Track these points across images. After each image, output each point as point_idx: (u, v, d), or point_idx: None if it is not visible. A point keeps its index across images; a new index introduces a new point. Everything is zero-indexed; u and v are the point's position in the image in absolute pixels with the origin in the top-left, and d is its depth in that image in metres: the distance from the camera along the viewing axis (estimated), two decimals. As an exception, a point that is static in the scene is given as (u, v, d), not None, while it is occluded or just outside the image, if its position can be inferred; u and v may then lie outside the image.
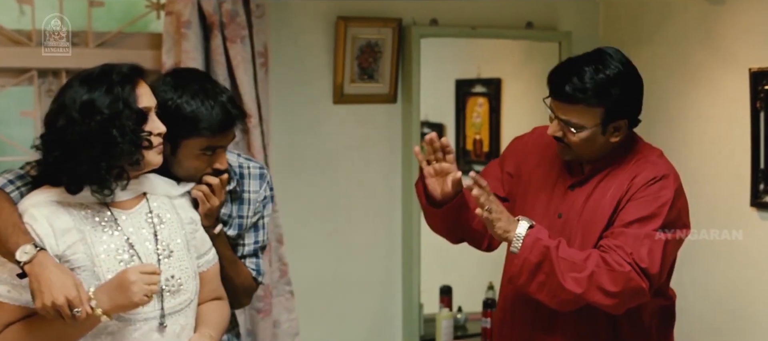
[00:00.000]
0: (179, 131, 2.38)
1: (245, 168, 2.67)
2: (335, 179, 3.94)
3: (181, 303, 2.30)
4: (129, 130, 2.17)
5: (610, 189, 2.65)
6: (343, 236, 3.98)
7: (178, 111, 2.38)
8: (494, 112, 4.79)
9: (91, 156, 2.15)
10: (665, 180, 2.62)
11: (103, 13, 3.58)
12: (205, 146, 2.43)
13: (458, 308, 4.34)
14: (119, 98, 2.16)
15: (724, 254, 3.61)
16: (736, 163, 3.55)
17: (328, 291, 3.96)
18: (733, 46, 3.58)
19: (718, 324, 3.68)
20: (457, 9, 4.09)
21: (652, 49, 3.97)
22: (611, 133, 2.62)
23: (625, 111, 2.62)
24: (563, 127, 2.61)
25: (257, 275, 2.70)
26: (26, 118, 3.46)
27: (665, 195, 2.59)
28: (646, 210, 2.57)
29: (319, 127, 3.89)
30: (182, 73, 2.52)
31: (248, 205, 2.65)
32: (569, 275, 2.50)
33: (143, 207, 2.31)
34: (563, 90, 2.57)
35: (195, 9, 3.40)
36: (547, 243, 2.52)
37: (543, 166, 2.80)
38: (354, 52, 3.88)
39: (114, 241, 2.22)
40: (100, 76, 2.19)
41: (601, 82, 2.56)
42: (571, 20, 4.27)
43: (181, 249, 2.32)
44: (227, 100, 2.46)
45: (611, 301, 2.54)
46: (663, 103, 3.90)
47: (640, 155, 2.69)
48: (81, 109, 2.15)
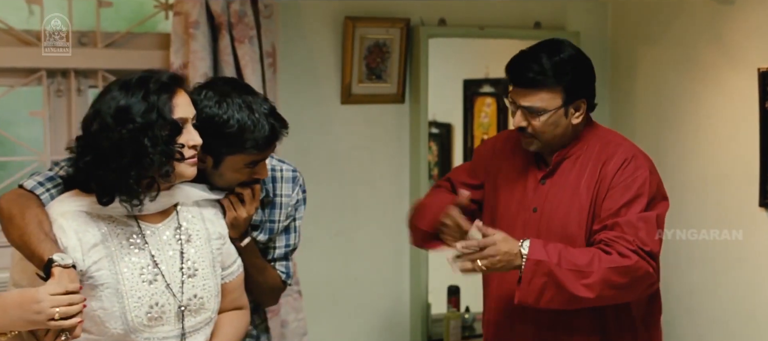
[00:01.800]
0: (224, 147, 2.34)
1: (278, 171, 2.64)
2: (343, 179, 3.94)
3: (200, 322, 2.27)
4: (161, 140, 2.11)
5: (582, 177, 2.74)
6: (350, 236, 3.99)
7: (224, 128, 2.32)
8: (502, 112, 4.78)
9: (121, 164, 2.09)
10: (635, 160, 2.72)
11: (112, 13, 3.58)
12: (249, 161, 2.40)
13: (466, 308, 4.33)
14: (154, 107, 2.11)
15: (732, 254, 3.60)
16: (745, 163, 3.54)
17: (336, 291, 3.97)
18: (742, 46, 3.57)
19: (727, 324, 3.66)
20: (465, 9, 4.09)
21: (661, 48, 3.96)
22: (573, 115, 2.74)
23: (582, 91, 2.74)
24: (526, 115, 2.72)
25: (286, 278, 2.68)
26: (35, 117, 3.47)
27: (641, 174, 2.69)
28: (629, 194, 2.66)
29: (327, 127, 3.90)
30: (222, 85, 2.42)
31: (280, 209, 2.63)
32: (579, 283, 2.56)
33: (172, 221, 2.27)
34: (525, 76, 2.70)
35: (203, 9, 3.40)
36: (547, 262, 2.56)
37: (513, 165, 2.89)
38: (362, 52, 3.88)
39: (139, 259, 2.18)
40: (138, 83, 2.14)
41: (558, 63, 2.69)
42: (579, 20, 4.26)
43: (206, 268, 2.29)
44: (269, 112, 2.39)
45: (625, 295, 2.63)
46: (671, 103, 3.89)
47: (603, 138, 2.80)
48: (115, 115, 2.10)
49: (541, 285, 2.56)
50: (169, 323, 2.20)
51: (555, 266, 2.55)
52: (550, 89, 2.69)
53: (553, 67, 2.69)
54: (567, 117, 2.73)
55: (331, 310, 3.95)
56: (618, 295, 2.61)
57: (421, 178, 4.00)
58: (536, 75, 2.68)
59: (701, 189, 3.74)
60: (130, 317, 2.15)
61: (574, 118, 2.75)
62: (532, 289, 2.57)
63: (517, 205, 2.82)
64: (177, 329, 2.22)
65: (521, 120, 2.73)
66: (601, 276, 2.55)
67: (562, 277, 2.55)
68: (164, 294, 2.20)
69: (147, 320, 2.17)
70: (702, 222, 3.56)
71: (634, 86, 4.13)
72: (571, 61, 2.73)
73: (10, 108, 3.54)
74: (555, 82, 2.68)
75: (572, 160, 2.78)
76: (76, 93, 3.45)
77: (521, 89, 2.72)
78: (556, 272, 2.55)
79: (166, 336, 2.21)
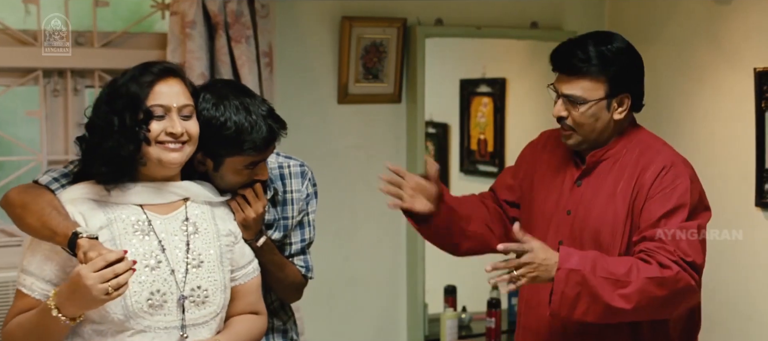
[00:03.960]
0: (222, 149, 2.35)
1: (285, 167, 2.65)
2: (340, 179, 3.94)
3: (205, 316, 2.27)
4: (127, 123, 2.17)
5: (619, 182, 2.61)
6: (347, 236, 3.99)
7: (221, 130, 2.32)
8: (499, 111, 4.79)
9: (93, 143, 2.19)
10: (675, 167, 2.58)
11: (108, 12, 3.58)
12: (248, 163, 2.40)
13: (463, 308, 4.34)
14: (128, 92, 2.19)
15: (728, 254, 3.60)
16: (741, 163, 3.55)
17: (333, 290, 3.96)
18: (739, 46, 3.57)
19: (724, 324, 3.67)
20: (462, 9, 4.09)
21: (658, 48, 3.97)
22: (615, 110, 2.61)
23: (627, 85, 2.62)
24: (567, 104, 2.60)
25: (306, 272, 2.68)
26: (32, 117, 3.47)
27: (682, 183, 2.55)
28: (670, 204, 2.52)
29: (324, 126, 3.90)
30: (220, 88, 2.42)
31: (292, 205, 2.63)
32: (616, 294, 2.41)
33: (181, 213, 2.29)
34: (568, 61, 2.59)
35: (200, 9, 3.40)
36: (581, 271, 2.41)
37: (551, 165, 2.78)
38: (359, 51, 3.88)
39: (144, 245, 2.21)
40: (130, 71, 2.25)
41: (604, 53, 2.58)
42: (576, 20, 4.26)
43: (212, 261, 2.29)
44: (268, 113, 2.39)
45: (665, 309, 2.49)
46: (668, 103, 3.90)
47: (644, 143, 2.66)
48: (105, 100, 2.22)
49: (574, 295, 2.41)
50: (171, 313, 2.20)
51: (589, 274, 2.40)
52: (593, 78, 2.57)
53: (598, 56, 2.57)
54: (609, 111, 2.60)
55: (328, 310, 3.96)
56: (657, 309, 2.46)
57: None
58: (579, 61, 2.57)
59: (698, 189, 3.74)
60: (130, 302, 2.15)
61: (616, 114, 2.61)
62: (564, 301, 2.42)
63: (553, 206, 2.70)
64: (178, 320, 2.22)
65: (561, 109, 2.61)
66: (639, 287, 2.40)
67: (597, 287, 2.40)
68: (166, 281, 2.20)
69: (147, 306, 2.17)
70: (698, 222, 3.56)
71: (631, 86, 4.13)
72: (619, 53, 2.60)
73: (7, 107, 3.54)
74: (599, 71, 2.56)
75: (610, 163, 2.64)
76: (73, 93, 3.45)
77: (564, 76, 2.61)
78: (591, 281, 2.40)
79: (167, 326, 2.21)
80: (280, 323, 2.72)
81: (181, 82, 2.27)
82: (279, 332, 2.71)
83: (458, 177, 5.05)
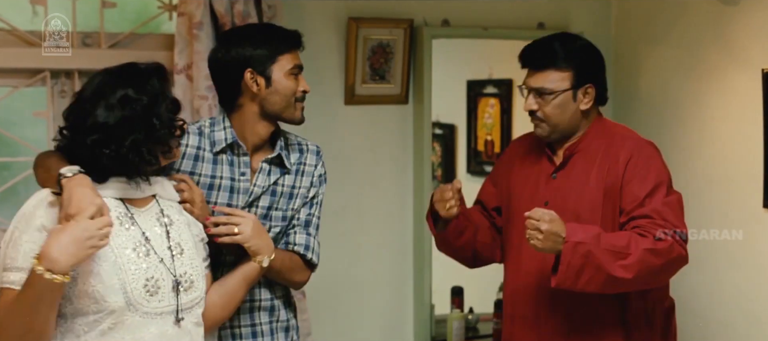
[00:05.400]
0: (265, 62, 2.60)
1: (303, 144, 2.81)
2: (346, 180, 3.94)
3: (192, 301, 2.35)
4: (166, 117, 2.29)
5: (591, 171, 2.82)
6: (354, 237, 3.99)
7: (253, 47, 2.61)
8: (505, 112, 4.79)
9: (135, 140, 2.24)
10: (644, 149, 2.83)
11: (116, 14, 3.59)
12: (292, 66, 2.63)
13: (469, 309, 4.34)
14: (155, 88, 2.29)
15: (736, 255, 3.60)
16: (749, 164, 3.54)
17: (340, 291, 3.97)
18: (746, 47, 3.57)
19: (730, 325, 3.66)
20: (469, 10, 4.09)
21: (665, 49, 3.96)
22: (581, 100, 2.83)
23: (591, 76, 2.85)
24: (537, 98, 2.82)
25: (305, 250, 2.72)
26: (39, 118, 3.48)
27: (656, 162, 2.81)
28: (649, 183, 2.76)
29: (331, 127, 3.90)
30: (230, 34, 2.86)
31: (304, 177, 2.76)
32: (616, 264, 2.62)
33: (154, 207, 2.38)
34: (535, 56, 2.85)
35: (207, 10, 3.40)
36: (586, 244, 2.61)
37: (525, 164, 2.98)
38: (365, 52, 3.88)
39: (130, 235, 2.27)
40: (129, 71, 2.31)
41: (568, 47, 2.85)
42: (583, 21, 4.25)
43: (191, 249, 2.39)
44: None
45: (660, 277, 2.75)
46: (675, 104, 3.89)
47: (610, 131, 2.89)
48: (121, 99, 2.25)
49: (579, 266, 2.61)
50: (165, 298, 2.27)
51: (594, 247, 2.60)
52: (559, 69, 2.80)
53: (563, 49, 2.82)
54: (575, 101, 2.83)
55: (334, 311, 3.96)
56: (654, 276, 2.71)
57: (424, 179, 4.00)
58: (546, 55, 2.82)
59: (705, 190, 3.74)
60: (130, 288, 2.21)
61: (582, 104, 2.84)
62: (570, 271, 2.62)
63: (529, 199, 2.88)
64: (172, 305, 2.29)
65: (532, 103, 2.84)
66: (638, 258, 2.62)
67: (601, 258, 2.61)
68: (158, 268, 2.28)
69: (144, 293, 2.23)
70: (705, 223, 3.55)
71: (637, 87, 4.13)
72: (581, 47, 2.87)
73: (14, 108, 3.54)
74: (564, 63, 2.80)
75: (582, 154, 2.86)
76: (80, 93, 3.46)
77: (532, 71, 2.85)
78: (595, 252, 2.60)
79: (163, 311, 2.27)
80: (285, 319, 2.75)
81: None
82: (282, 330, 2.74)
83: (465, 178, 5.04)
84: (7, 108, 3.50)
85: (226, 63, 2.63)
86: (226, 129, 2.63)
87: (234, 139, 2.62)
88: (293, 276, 2.71)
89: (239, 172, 2.64)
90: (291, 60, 2.64)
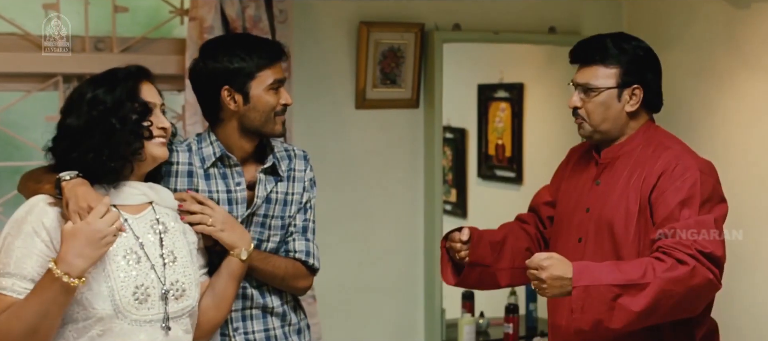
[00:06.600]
0: (242, 75, 2.54)
1: (291, 150, 2.76)
2: (357, 184, 3.95)
3: (183, 309, 2.32)
4: (130, 120, 2.26)
5: (631, 179, 2.63)
6: (365, 241, 3.99)
7: (230, 62, 2.54)
8: (516, 117, 4.79)
9: (92, 144, 2.23)
10: (683, 161, 2.59)
11: (128, 18, 3.60)
12: (271, 82, 2.57)
13: (480, 313, 4.34)
14: (122, 92, 2.27)
15: (748, 259, 3.59)
16: (761, 168, 3.53)
17: (350, 296, 3.97)
18: (758, 51, 3.56)
19: (743, 331, 3.65)
20: (480, 14, 4.09)
21: (676, 53, 3.95)
22: (626, 101, 2.66)
23: (640, 77, 2.67)
24: (581, 94, 2.68)
25: (307, 256, 2.71)
26: (51, 122, 3.48)
27: (691, 176, 2.55)
28: (680, 196, 2.53)
29: (342, 132, 3.90)
30: (209, 46, 2.68)
31: (296, 182, 2.73)
32: (634, 299, 2.41)
33: (149, 213, 2.36)
34: (584, 51, 2.70)
35: (218, 14, 3.42)
36: (597, 286, 2.42)
37: (575, 171, 2.84)
38: (376, 57, 3.89)
39: (123, 242, 2.26)
40: (105, 75, 2.32)
41: (620, 45, 2.68)
42: (594, 25, 4.24)
43: (185, 257, 2.37)
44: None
45: (686, 306, 2.49)
46: (686, 108, 3.88)
47: (655, 140, 2.69)
48: (88, 103, 2.26)
49: (594, 310, 2.42)
50: (154, 306, 2.26)
51: (606, 287, 2.41)
52: (606, 65, 2.65)
53: (614, 45, 2.67)
54: (620, 101, 2.66)
55: (345, 315, 3.96)
56: (678, 306, 2.46)
57: (435, 183, 4.00)
58: (594, 50, 2.68)
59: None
60: (118, 296, 2.20)
61: (628, 106, 2.66)
62: (585, 317, 2.43)
63: (574, 206, 2.75)
64: (161, 313, 2.27)
65: (576, 100, 2.69)
66: (657, 287, 2.40)
67: (615, 297, 2.41)
68: (148, 275, 2.26)
69: (133, 300, 2.23)
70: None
71: (649, 91, 4.12)
72: (635, 47, 2.69)
73: (27, 113, 3.56)
74: (612, 59, 2.65)
75: (624, 160, 2.68)
76: (92, 98, 3.47)
77: (580, 67, 2.71)
78: (607, 293, 2.41)
79: (152, 320, 2.26)
80: (296, 322, 2.75)
81: (151, 83, 2.37)
82: (295, 333, 2.75)
83: (476, 182, 5.05)
84: (20, 112, 3.52)
85: (204, 77, 2.58)
86: (213, 143, 2.61)
87: (222, 151, 2.60)
88: (297, 283, 2.72)
89: (234, 183, 2.62)
90: (272, 74, 2.57)
